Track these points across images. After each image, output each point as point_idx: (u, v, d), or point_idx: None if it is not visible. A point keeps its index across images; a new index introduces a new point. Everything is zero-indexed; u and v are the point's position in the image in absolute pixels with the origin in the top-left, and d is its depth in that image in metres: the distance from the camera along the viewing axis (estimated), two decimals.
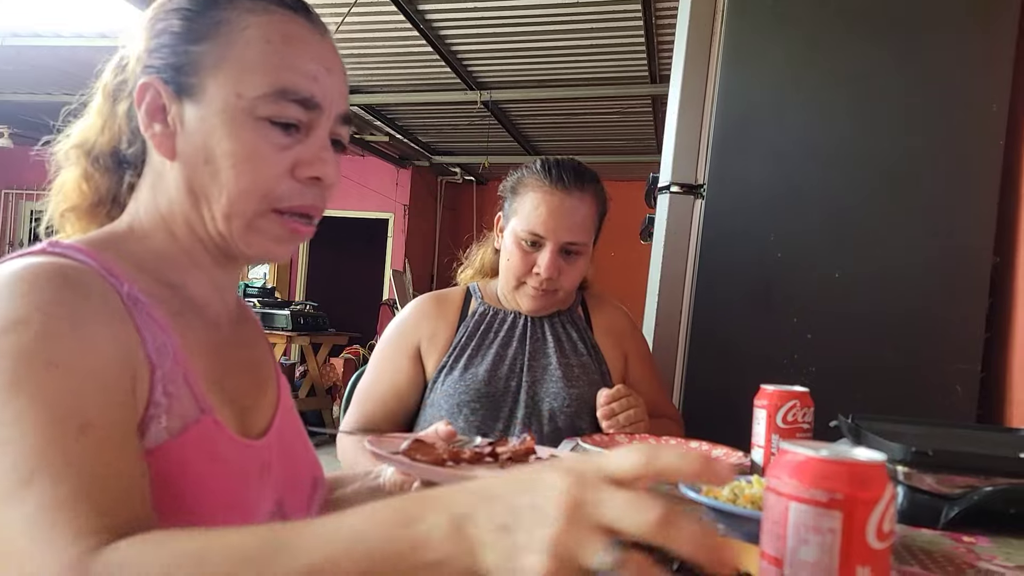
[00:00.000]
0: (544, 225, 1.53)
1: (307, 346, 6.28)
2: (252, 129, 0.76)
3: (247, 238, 0.79)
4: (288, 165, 0.78)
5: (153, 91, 0.78)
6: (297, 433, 0.94)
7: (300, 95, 0.77)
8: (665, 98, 5.59)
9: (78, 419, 0.58)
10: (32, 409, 0.57)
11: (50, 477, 0.55)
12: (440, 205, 9.90)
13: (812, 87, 1.84)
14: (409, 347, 1.59)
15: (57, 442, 0.57)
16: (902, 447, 1.08)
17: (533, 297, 1.57)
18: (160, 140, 0.78)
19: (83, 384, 0.61)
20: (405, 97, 6.36)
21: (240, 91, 0.76)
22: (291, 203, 0.79)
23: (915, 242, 1.77)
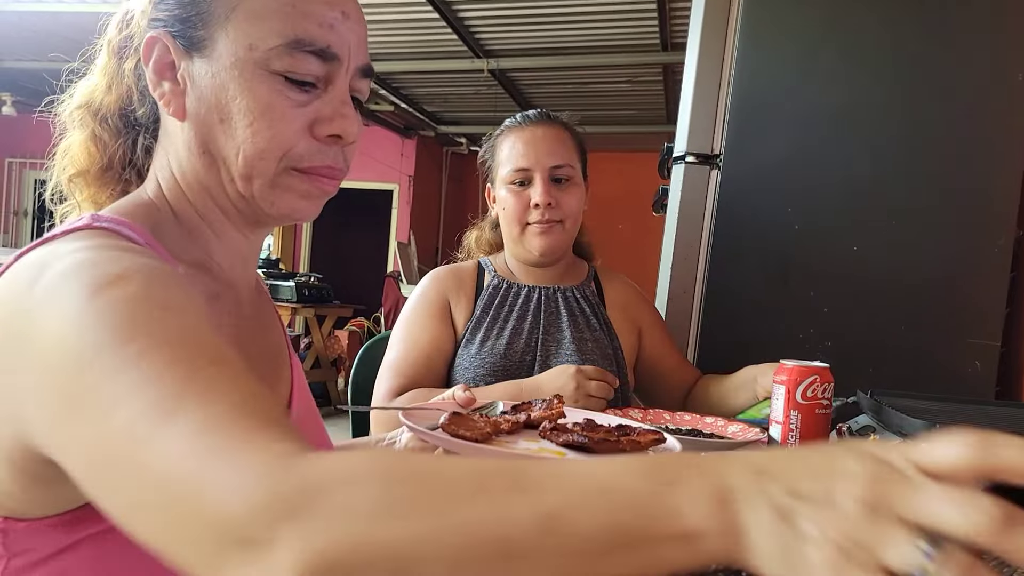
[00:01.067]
0: (525, 157, 1.56)
1: (312, 318, 6.27)
2: (267, 83, 0.71)
3: (271, 197, 0.75)
4: (307, 122, 0.74)
5: (161, 46, 0.74)
6: (310, 412, 0.92)
7: (316, 45, 0.72)
8: (676, 67, 5.54)
9: (208, 354, 0.52)
10: (157, 348, 0.51)
11: (200, 400, 0.47)
12: (445, 176, 9.84)
13: (833, 55, 1.79)
14: (439, 310, 1.57)
15: (196, 373, 0.50)
16: (924, 423, 1.06)
17: (539, 234, 1.56)
18: (169, 99, 0.74)
19: (199, 325, 0.56)
20: (410, 65, 6.29)
21: (252, 43, 0.71)
22: (311, 163, 0.75)
23: (935, 215, 1.74)
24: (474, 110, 8.02)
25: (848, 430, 1.26)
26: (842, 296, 1.76)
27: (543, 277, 1.64)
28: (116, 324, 0.52)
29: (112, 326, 0.52)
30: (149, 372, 0.49)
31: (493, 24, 5.39)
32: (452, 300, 1.59)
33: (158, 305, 0.55)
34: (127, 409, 0.48)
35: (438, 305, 1.58)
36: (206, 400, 0.48)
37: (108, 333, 0.52)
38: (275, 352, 0.88)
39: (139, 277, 0.57)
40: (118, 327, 0.52)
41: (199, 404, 0.47)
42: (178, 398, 0.48)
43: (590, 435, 0.87)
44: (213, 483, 0.43)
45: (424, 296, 1.60)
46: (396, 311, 7.14)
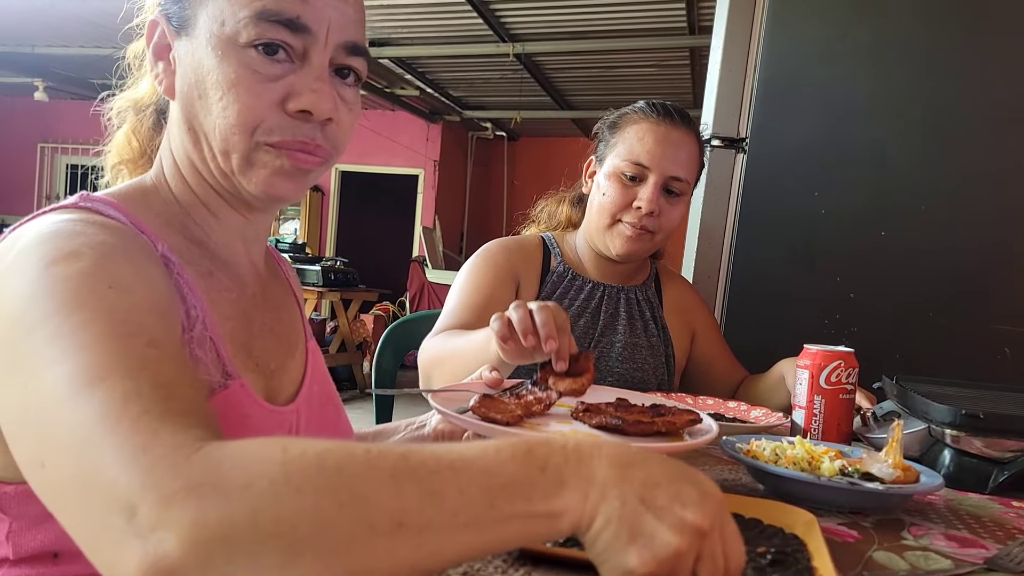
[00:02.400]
0: (649, 154, 1.44)
1: (337, 302, 6.31)
2: (236, 58, 0.71)
3: (246, 173, 0.74)
4: (278, 96, 0.73)
5: (159, 30, 0.76)
6: (328, 398, 0.92)
7: (283, 16, 0.71)
8: (704, 50, 5.48)
9: (146, 334, 0.54)
10: (97, 321, 0.53)
11: (127, 375, 0.49)
12: (471, 161, 9.84)
13: (860, 38, 1.77)
14: (507, 276, 1.48)
15: (129, 350, 0.52)
16: (951, 409, 1.05)
17: (629, 237, 1.47)
18: (162, 78, 0.77)
19: (145, 305, 0.58)
20: (436, 50, 6.28)
21: (224, 18, 0.72)
22: (281, 137, 0.73)
23: (963, 200, 1.71)
24: (499, 95, 7.99)
25: (873, 416, 1.25)
26: (869, 281, 1.74)
27: (610, 273, 1.57)
28: (63, 296, 0.54)
29: (58, 298, 0.54)
30: (84, 340, 0.51)
31: (518, 8, 5.36)
32: (522, 275, 1.50)
33: (104, 282, 0.57)
34: (56, 371, 0.50)
35: (507, 273, 1.48)
36: (131, 376, 0.50)
37: (53, 303, 0.54)
38: (285, 333, 0.88)
39: (91, 254, 0.59)
40: (64, 299, 0.54)
41: (123, 378, 0.49)
42: (105, 368, 0.50)
43: (624, 416, 0.85)
44: (117, 455, 0.45)
45: (492, 260, 1.49)
46: (421, 295, 7.17)
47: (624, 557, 0.48)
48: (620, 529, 0.48)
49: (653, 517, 0.48)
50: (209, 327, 0.72)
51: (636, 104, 1.53)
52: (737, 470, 1.04)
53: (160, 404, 0.48)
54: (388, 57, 6.44)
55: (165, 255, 0.70)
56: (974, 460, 1.06)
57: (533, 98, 7.74)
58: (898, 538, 0.79)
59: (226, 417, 0.71)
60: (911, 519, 0.86)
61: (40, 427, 0.49)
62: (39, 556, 0.65)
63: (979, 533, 0.82)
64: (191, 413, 0.49)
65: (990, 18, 1.71)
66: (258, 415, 0.75)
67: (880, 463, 0.89)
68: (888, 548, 0.75)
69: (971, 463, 1.06)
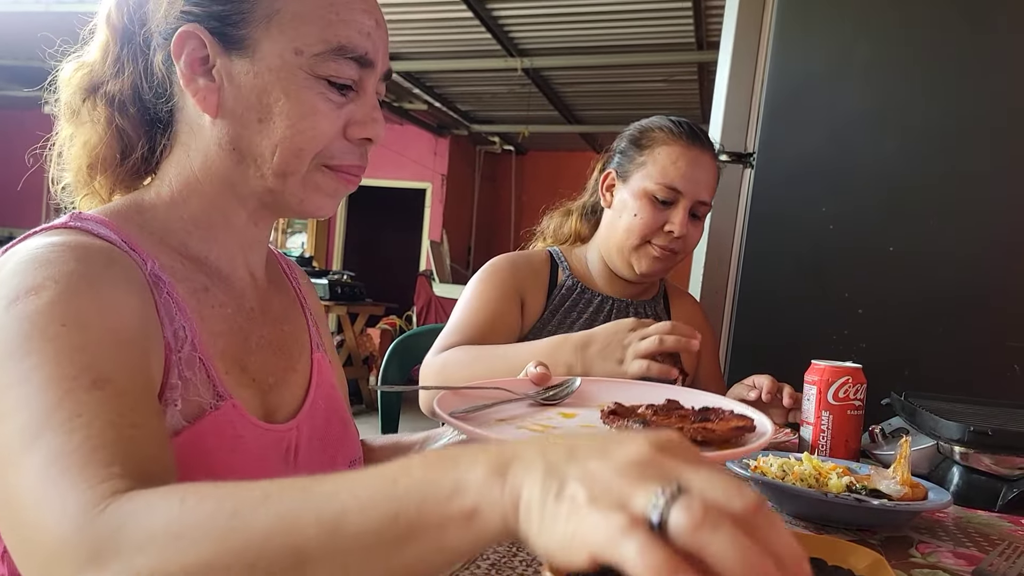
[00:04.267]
0: (684, 179, 1.46)
1: (344, 316, 6.32)
2: (310, 87, 0.74)
3: (301, 193, 0.78)
4: (342, 124, 0.77)
5: (196, 41, 0.74)
6: (335, 412, 0.90)
7: (356, 52, 0.75)
8: (712, 66, 5.48)
9: (91, 374, 0.56)
10: (42, 368, 0.55)
11: (60, 429, 0.52)
12: (478, 175, 9.86)
13: (869, 53, 1.77)
14: (513, 292, 1.48)
15: (69, 396, 0.54)
16: (960, 426, 1.04)
17: (657, 258, 1.48)
18: (204, 95, 0.74)
19: (98, 340, 0.58)
20: (444, 64, 6.31)
21: (298, 47, 0.73)
22: (341, 161, 0.78)
23: (973, 216, 1.71)
24: (507, 109, 8.02)
25: (881, 432, 1.24)
26: (877, 297, 1.74)
27: (620, 288, 1.57)
28: (16, 339, 0.56)
29: (13, 341, 0.56)
30: (29, 390, 0.54)
31: (527, 22, 5.39)
32: (528, 293, 1.50)
33: (58, 320, 0.58)
34: (7, 425, 0.53)
35: (513, 289, 1.48)
36: (64, 429, 0.52)
37: (8, 348, 0.56)
38: (287, 346, 0.87)
39: (53, 288, 0.60)
40: (18, 343, 0.56)
41: (56, 433, 0.52)
42: (42, 422, 0.52)
43: (655, 421, 0.77)
44: (45, 519, 0.48)
45: (498, 276, 1.49)
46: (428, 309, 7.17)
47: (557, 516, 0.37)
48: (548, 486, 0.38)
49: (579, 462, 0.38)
50: (198, 347, 0.72)
51: (658, 121, 1.52)
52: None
53: (84, 458, 0.50)
54: (397, 71, 6.47)
55: (155, 274, 0.70)
56: (983, 477, 1.05)
57: (541, 112, 7.76)
58: (906, 555, 0.79)
59: (219, 438, 0.71)
60: (919, 536, 0.86)
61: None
62: None
63: (988, 551, 0.82)
64: (115, 460, 0.51)
65: (996, 31, 1.71)
66: (252, 435, 0.74)
67: (888, 480, 0.88)
68: (896, 566, 0.74)
69: (980, 480, 1.05)
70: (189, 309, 0.73)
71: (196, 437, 0.68)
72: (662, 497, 0.35)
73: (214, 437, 0.70)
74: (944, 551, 0.81)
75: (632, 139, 1.53)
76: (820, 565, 0.65)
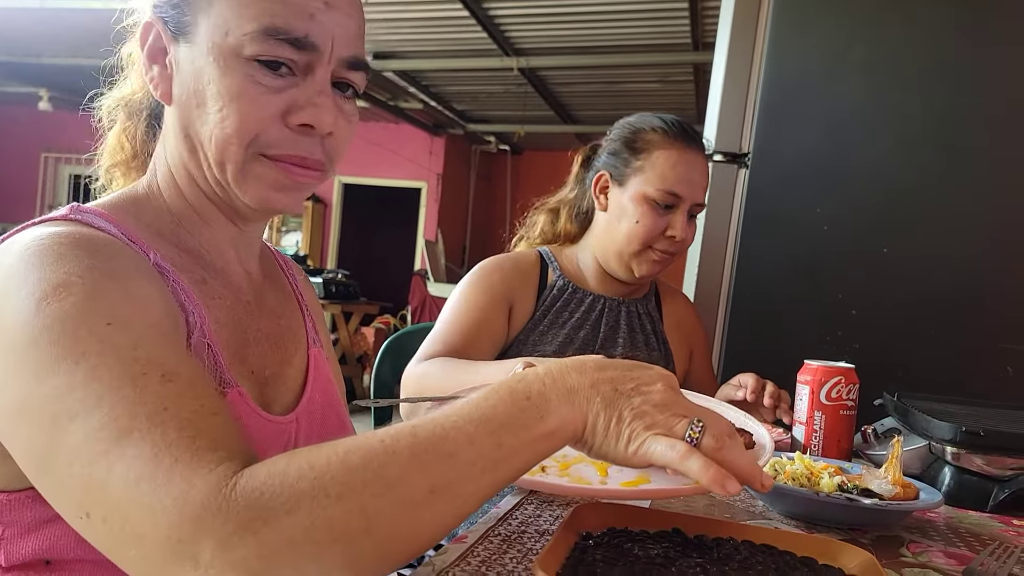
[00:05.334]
0: (683, 184, 1.46)
1: (338, 314, 6.32)
2: (239, 69, 0.71)
3: (242, 185, 0.74)
4: (279, 109, 0.72)
5: (154, 32, 0.75)
6: (331, 407, 0.90)
7: (291, 34, 0.70)
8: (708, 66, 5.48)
9: (158, 369, 0.55)
10: (106, 366, 0.54)
11: (152, 422, 0.51)
12: (474, 174, 9.86)
13: (865, 53, 1.77)
14: (501, 298, 1.47)
15: (147, 391, 0.53)
16: (951, 427, 1.05)
17: (657, 262, 1.49)
18: (158, 83, 0.75)
19: (148, 335, 0.58)
20: (440, 63, 6.30)
21: (228, 29, 0.71)
22: (280, 150, 0.73)
23: (968, 217, 1.71)
24: (503, 109, 8.02)
25: (873, 432, 1.24)
26: (871, 298, 1.74)
27: (614, 288, 1.57)
28: (64, 341, 0.55)
29: (60, 342, 0.55)
30: (99, 390, 0.53)
31: (523, 22, 5.38)
32: (516, 297, 1.49)
33: (102, 319, 0.57)
34: (80, 426, 0.52)
35: (501, 295, 1.47)
36: (155, 423, 0.51)
37: (57, 349, 0.55)
38: (283, 340, 0.87)
39: (81, 285, 0.59)
40: (67, 344, 0.55)
41: (149, 428, 0.51)
42: (129, 419, 0.51)
43: None
44: (163, 510, 0.48)
45: (485, 282, 1.48)
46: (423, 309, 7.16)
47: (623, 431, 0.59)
48: (610, 413, 0.59)
49: (628, 396, 0.60)
50: (207, 333, 0.72)
51: (650, 121, 1.51)
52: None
53: (188, 448, 0.50)
54: (392, 70, 6.47)
55: (158, 264, 0.70)
56: (974, 478, 1.05)
57: (537, 112, 7.76)
58: (897, 555, 0.79)
59: None
60: (910, 536, 0.86)
61: (76, 482, 0.51)
62: (31, 564, 0.65)
63: (978, 551, 0.82)
64: (218, 445, 0.51)
65: (991, 31, 1.71)
66: (255, 424, 0.74)
67: (879, 479, 0.89)
68: (887, 565, 0.74)
69: (971, 481, 1.05)
70: (195, 296, 0.73)
71: None
72: (696, 429, 0.59)
73: None
74: (935, 551, 0.81)
75: (625, 141, 1.51)
76: (811, 564, 0.65)
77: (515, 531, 0.76)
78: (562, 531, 0.65)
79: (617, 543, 0.66)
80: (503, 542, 0.72)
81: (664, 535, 0.69)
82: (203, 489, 0.48)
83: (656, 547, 0.66)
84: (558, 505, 0.87)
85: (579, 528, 0.68)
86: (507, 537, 0.74)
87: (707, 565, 0.62)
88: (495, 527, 0.76)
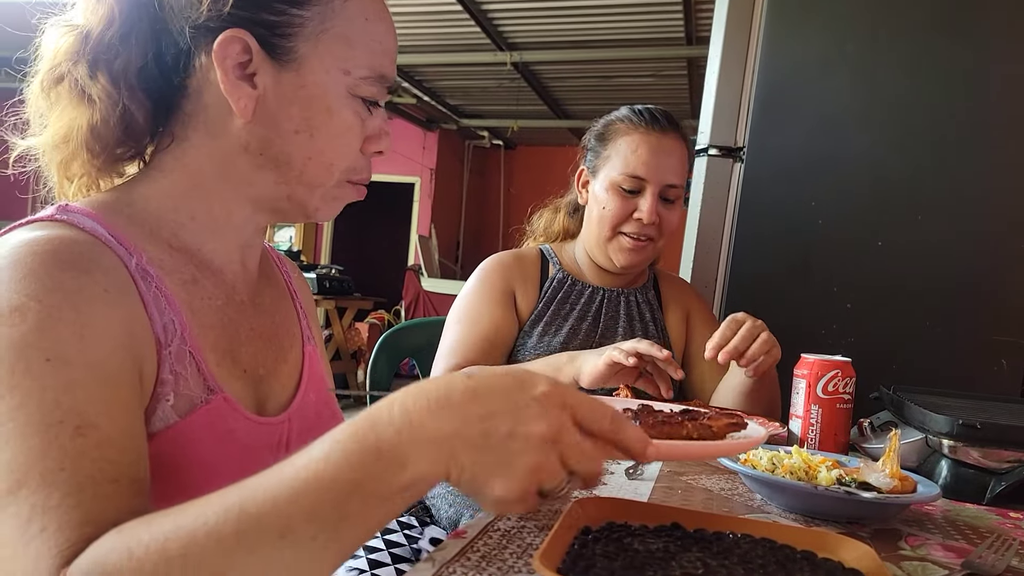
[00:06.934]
0: (645, 166, 1.47)
1: (332, 310, 6.30)
2: (350, 107, 0.76)
3: (319, 204, 0.79)
4: (363, 139, 0.79)
5: (241, 45, 0.72)
6: (325, 405, 0.90)
7: (389, 81, 0.79)
8: (701, 60, 5.50)
9: (75, 419, 0.56)
10: (26, 408, 0.55)
11: (43, 481, 0.53)
12: (467, 169, 9.84)
13: (860, 48, 1.77)
14: (503, 294, 1.50)
15: (53, 445, 0.54)
16: (948, 420, 1.05)
17: (631, 249, 1.50)
18: (245, 101, 0.73)
19: (84, 379, 0.58)
20: (433, 58, 6.29)
21: (347, 68, 0.75)
22: (360, 176, 0.81)
23: (962, 211, 1.71)
24: (496, 103, 8.01)
25: (870, 425, 1.24)
26: (866, 291, 1.74)
27: (609, 279, 1.59)
28: (2, 371, 0.56)
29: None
30: (11, 432, 0.54)
31: (516, 16, 5.38)
32: (518, 288, 1.52)
33: (44, 354, 0.57)
34: None
35: (503, 291, 1.51)
36: (45, 482, 0.52)
37: None
38: (278, 338, 0.86)
39: (37, 311, 0.58)
40: (3, 375, 0.56)
41: (38, 487, 0.52)
42: (24, 473, 0.53)
43: (643, 420, 0.74)
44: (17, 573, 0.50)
45: (488, 280, 1.52)
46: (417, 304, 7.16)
47: (489, 492, 0.50)
48: (476, 471, 0.50)
49: (501, 447, 0.50)
50: (188, 340, 0.71)
51: (620, 112, 1.55)
52: (734, 479, 1.03)
53: (62, 518, 0.51)
54: None
55: (143, 268, 0.69)
56: (971, 471, 1.06)
57: (530, 107, 7.75)
58: (895, 548, 0.79)
59: (211, 431, 0.70)
60: (908, 529, 0.86)
61: None
62: None
63: (976, 544, 0.82)
64: (89, 520, 0.52)
65: (986, 27, 1.71)
66: (243, 428, 0.74)
67: (877, 473, 0.89)
68: (885, 558, 0.74)
69: (968, 474, 1.06)
70: (179, 301, 0.72)
71: (187, 431, 0.68)
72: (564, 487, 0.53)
73: (205, 431, 0.69)
74: (933, 544, 0.81)
75: (597, 134, 1.56)
76: (810, 557, 0.65)
77: (515, 526, 0.76)
78: (561, 526, 0.64)
79: (617, 537, 0.66)
80: (503, 537, 0.72)
81: (664, 529, 0.69)
82: (42, 571, 0.50)
83: (656, 541, 0.65)
84: (557, 500, 0.87)
85: (578, 523, 0.68)
86: (507, 532, 0.74)
87: (707, 559, 0.62)
88: (494, 522, 0.76)
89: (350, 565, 1.20)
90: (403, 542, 1.29)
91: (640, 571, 0.58)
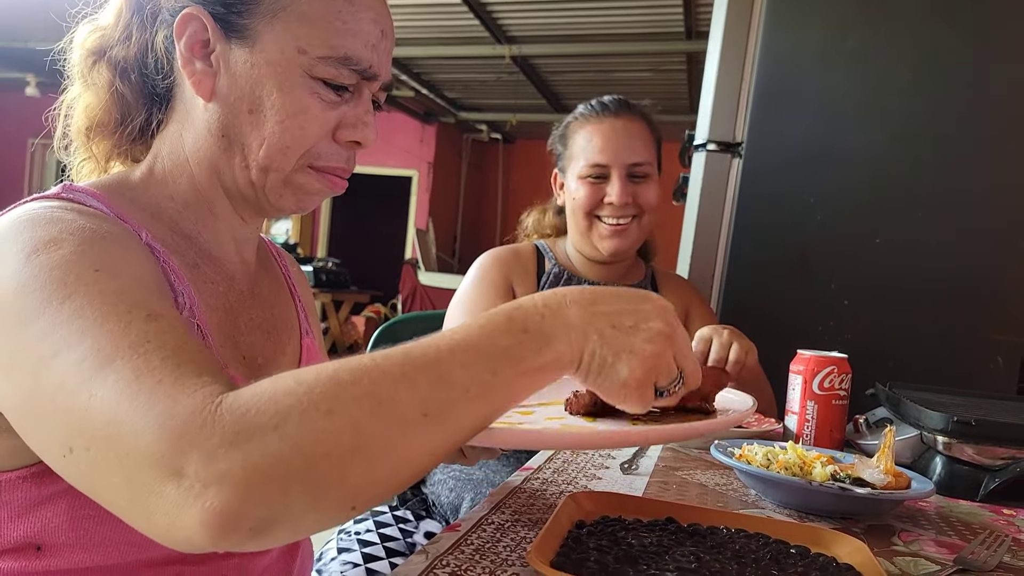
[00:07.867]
0: (603, 153, 1.49)
1: (328, 303, 6.31)
2: (306, 87, 0.74)
3: (280, 191, 0.77)
4: (333, 125, 0.76)
5: (198, 24, 0.73)
6: None
7: (360, 65, 0.75)
8: (701, 55, 5.49)
9: (144, 309, 0.54)
10: (92, 306, 0.53)
11: (134, 352, 0.50)
12: (465, 163, 9.83)
13: (858, 43, 1.77)
14: (502, 288, 1.52)
15: (131, 326, 0.52)
16: (943, 416, 1.05)
17: (610, 234, 1.51)
18: (200, 79, 0.74)
19: (134, 284, 0.58)
20: (432, 50, 6.28)
21: (301, 46, 0.73)
22: (327, 162, 0.78)
23: (961, 209, 1.71)
24: (495, 97, 8.00)
25: (865, 422, 1.25)
26: (863, 288, 1.74)
27: (604, 273, 1.60)
28: (51, 286, 0.55)
29: (47, 288, 0.55)
30: (83, 326, 0.52)
31: (515, 9, 5.37)
32: (516, 282, 1.54)
33: (90, 266, 0.57)
34: (62, 361, 0.51)
35: (502, 285, 1.52)
36: (137, 352, 0.50)
37: (43, 294, 0.54)
38: (276, 329, 0.87)
39: (72, 240, 0.59)
40: (53, 289, 0.54)
41: (130, 355, 0.50)
42: (111, 349, 0.51)
43: None
44: (145, 428, 0.46)
45: (486, 276, 1.53)
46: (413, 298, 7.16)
47: (615, 373, 0.58)
48: (605, 354, 0.57)
49: (627, 336, 0.58)
50: (196, 314, 0.71)
51: (576, 110, 1.59)
52: (729, 474, 1.03)
53: (171, 372, 0.49)
54: None
55: (149, 243, 0.69)
56: (965, 467, 1.06)
57: (528, 101, 7.74)
58: (889, 544, 0.79)
59: None
60: (902, 525, 0.86)
61: (59, 416, 0.50)
62: (21, 548, 0.64)
63: (969, 540, 0.82)
64: (203, 373, 0.50)
65: (987, 21, 1.71)
66: None
67: (872, 469, 0.89)
68: (879, 554, 0.74)
69: (962, 470, 1.06)
70: (186, 278, 0.72)
71: None
72: (675, 387, 0.62)
73: None
74: (926, 539, 0.81)
75: (559, 136, 1.61)
76: (804, 552, 0.65)
77: (509, 519, 0.76)
78: (556, 520, 0.64)
79: (611, 531, 0.66)
80: (497, 530, 0.72)
81: (658, 524, 0.69)
82: (187, 405, 0.47)
83: (650, 535, 0.66)
84: (552, 494, 0.87)
85: (573, 517, 0.68)
86: (501, 526, 0.74)
87: (701, 553, 0.62)
88: (488, 515, 0.76)
89: (344, 559, 1.20)
90: (398, 536, 1.29)
91: (634, 565, 0.58)
